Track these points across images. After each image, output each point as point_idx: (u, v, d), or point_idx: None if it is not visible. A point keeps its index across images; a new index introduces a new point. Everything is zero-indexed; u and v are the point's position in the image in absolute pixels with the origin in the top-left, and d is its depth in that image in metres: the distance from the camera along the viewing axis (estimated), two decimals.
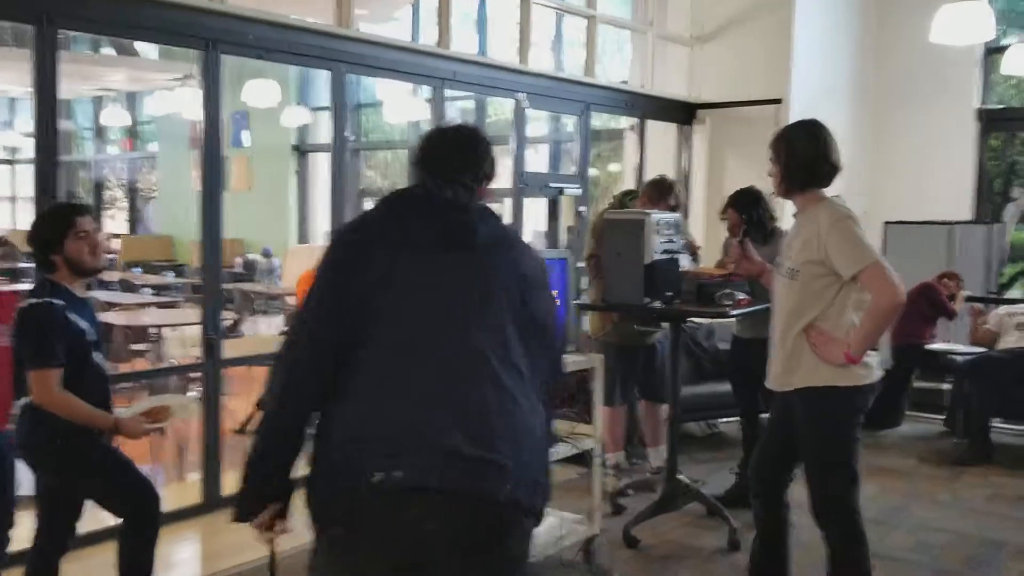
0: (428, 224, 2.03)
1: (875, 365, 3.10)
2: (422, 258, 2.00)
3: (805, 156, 3.09)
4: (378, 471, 1.82)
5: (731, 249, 3.47)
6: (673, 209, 4.45)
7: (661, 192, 4.56)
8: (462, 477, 1.84)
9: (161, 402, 3.42)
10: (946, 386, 6.53)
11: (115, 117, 13.42)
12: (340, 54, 5.03)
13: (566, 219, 7.12)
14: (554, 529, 3.71)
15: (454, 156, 2.16)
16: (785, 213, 4.39)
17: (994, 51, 7.88)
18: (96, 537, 3.79)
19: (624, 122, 7.72)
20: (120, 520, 3.18)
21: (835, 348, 2.99)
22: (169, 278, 11.70)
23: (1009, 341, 6.07)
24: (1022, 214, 10.16)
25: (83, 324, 3.05)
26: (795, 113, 7.11)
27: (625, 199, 4.84)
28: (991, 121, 8.13)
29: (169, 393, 5.41)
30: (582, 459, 3.77)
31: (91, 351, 3.09)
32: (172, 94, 10.35)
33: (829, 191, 3.22)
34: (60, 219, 3.07)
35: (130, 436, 3.15)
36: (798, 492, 3.30)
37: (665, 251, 3.84)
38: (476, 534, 1.88)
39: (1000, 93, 8.84)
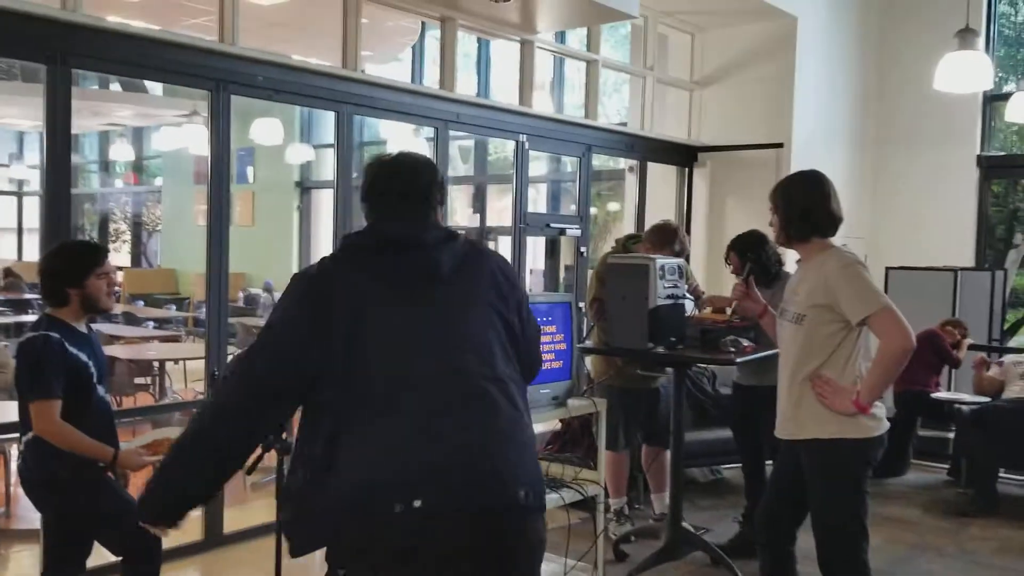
0: (390, 269, 2.03)
1: (883, 416, 3.08)
2: (391, 298, 2.01)
3: (803, 206, 3.11)
4: (398, 503, 1.85)
5: (734, 288, 3.47)
6: (677, 255, 4.45)
7: (665, 238, 4.55)
8: (480, 494, 1.91)
9: (163, 435, 3.43)
10: (951, 435, 6.47)
11: (122, 152, 13.51)
12: (346, 95, 5.08)
13: (565, 258, 7.14)
14: (557, 575, 3.66)
15: (400, 191, 2.14)
16: (789, 258, 4.40)
17: (995, 98, 7.95)
18: (98, 573, 3.74)
19: (624, 162, 7.76)
20: (120, 559, 3.17)
21: (843, 397, 2.97)
22: (172, 311, 11.70)
23: (1014, 391, 6.03)
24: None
25: (84, 358, 3.06)
26: (796, 157, 7.16)
27: (628, 243, 4.83)
28: (992, 168, 8.17)
29: (171, 427, 5.40)
30: (585, 504, 3.72)
31: (94, 385, 3.10)
32: (178, 130, 10.43)
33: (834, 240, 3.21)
34: (87, 256, 3.14)
35: (129, 468, 3.19)
36: (804, 541, 3.26)
37: (669, 296, 3.83)
38: (503, 541, 1.96)
39: (1002, 140, 8.90)
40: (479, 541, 1.93)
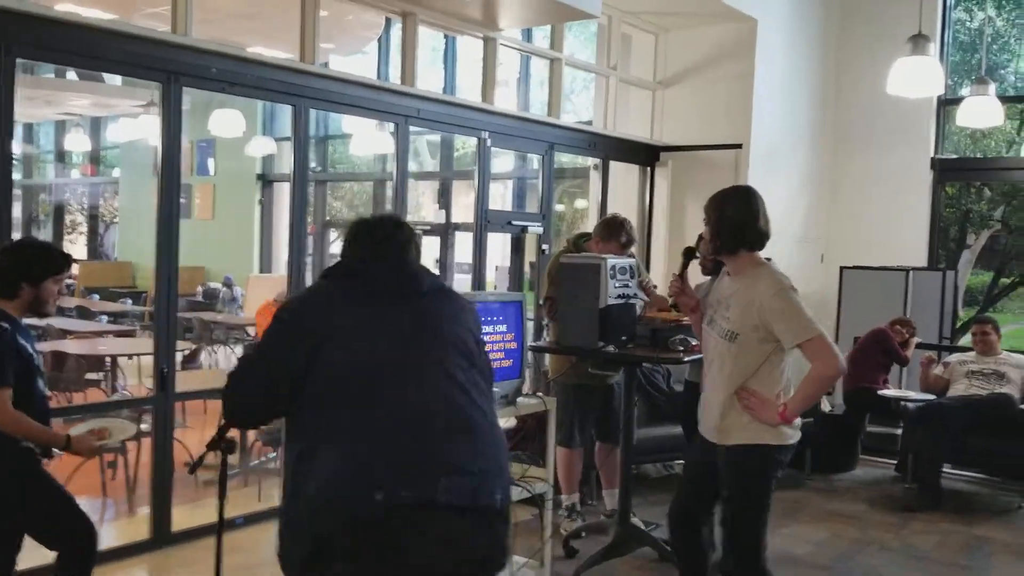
0: (373, 280, 2.21)
1: (799, 426, 3.22)
2: (376, 306, 2.16)
3: (734, 220, 3.20)
4: (379, 490, 1.92)
5: (670, 284, 3.54)
6: (625, 246, 4.51)
7: (611, 231, 4.60)
8: (464, 491, 2.00)
9: (101, 424, 3.47)
10: (898, 431, 6.60)
11: (77, 142, 13.31)
12: (303, 89, 5.04)
13: (530, 255, 7.16)
14: (504, 572, 3.68)
15: (378, 239, 2.30)
16: None
17: (949, 102, 8.09)
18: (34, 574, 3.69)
19: (591, 159, 7.80)
20: (55, 554, 3.16)
21: (770, 410, 3.11)
22: (127, 305, 11.54)
23: (959, 389, 6.16)
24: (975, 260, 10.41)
25: (30, 349, 3.11)
26: (755, 158, 7.25)
27: (579, 241, 4.86)
28: (946, 171, 8.32)
29: (111, 416, 5.36)
30: (535, 500, 3.75)
31: (36, 375, 3.13)
32: (135, 121, 10.29)
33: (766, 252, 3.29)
34: (56, 260, 3.19)
35: (82, 453, 3.27)
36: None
37: (620, 296, 3.87)
38: (480, 544, 2.06)
39: (955, 143, 9.07)
40: (460, 541, 2.02)
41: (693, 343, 3.92)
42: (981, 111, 6.67)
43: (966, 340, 9.02)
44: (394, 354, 2.10)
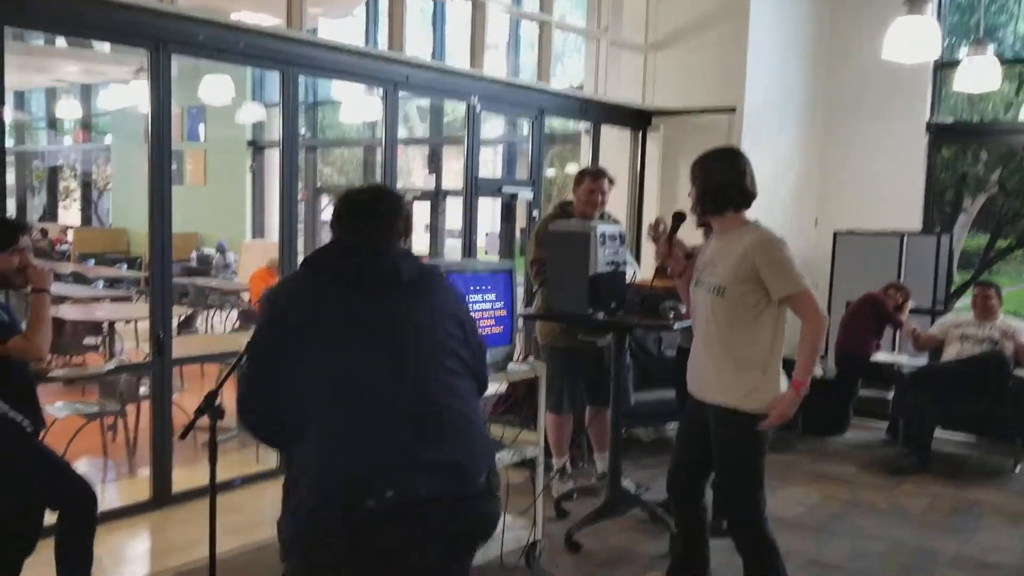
0: (352, 272, 2.19)
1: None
2: (355, 301, 2.16)
3: (720, 181, 3.22)
4: (370, 497, 1.98)
5: (659, 244, 3.56)
6: (596, 176, 4.73)
7: (580, 175, 4.79)
8: (444, 483, 2.06)
9: None
10: (890, 395, 6.64)
11: (69, 109, 13.22)
12: (291, 56, 5.00)
13: (521, 221, 7.15)
14: (496, 533, 3.73)
15: (367, 220, 2.29)
16: None
17: (946, 65, 8.03)
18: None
19: (582, 124, 7.76)
20: (56, 515, 3.22)
21: (785, 402, 3.14)
22: (123, 271, 11.55)
23: (951, 352, 6.19)
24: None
25: (2, 318, 3.12)
26: (748, 122, 7.21)
27: (566, 207, 4.88)
28: (942, 135, 8.28)
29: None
30: (526, 464, 3.79)
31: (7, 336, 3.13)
32: (126, 87, 10.22)
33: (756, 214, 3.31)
34: (5, 233, 3.16)
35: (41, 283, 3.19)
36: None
37: (610, 263, 3.88)
38: (466, 526, 2.15)
39: (952, 107, 9.02)
40: (446, 525, 2.09)
41: (683, 310, 3.93)
42: (979, 74, 6.62)
43: (962, 304, 9.07)
44: (372, 352, 2.12)
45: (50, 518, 3.29)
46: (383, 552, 2.02)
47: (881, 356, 6.57)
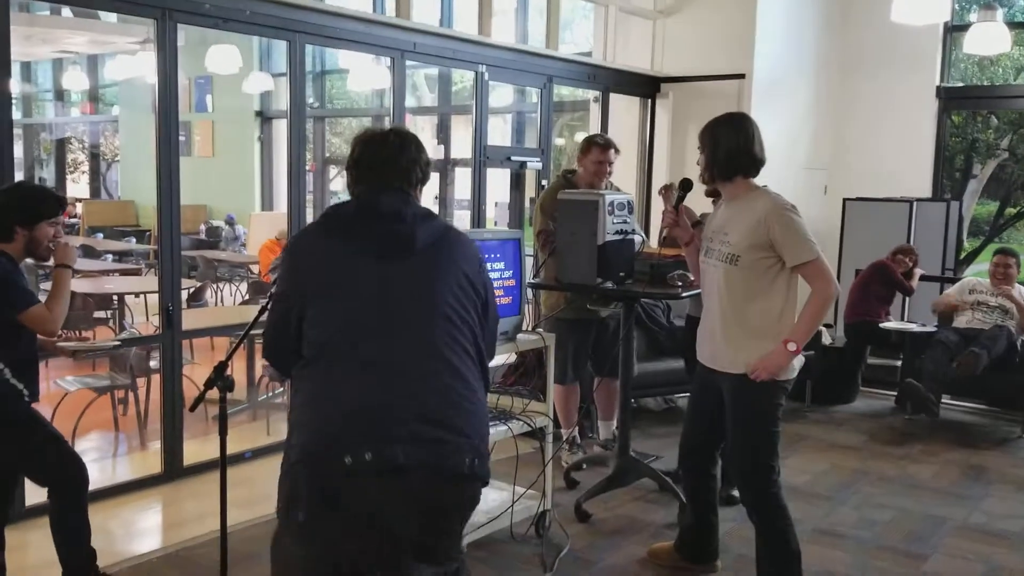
0: (366, 236, 2.15)
1: (796, 366, 3.22)
2: (364, 266, 2.12)
3: (728, 147, 3.20)
4: (348, 455, 1.96)
5: (664, 215, 3.55)
6: (605, 147, 4.69)
7: (586, 143, 4.77)
8: (427, 455, 2.02)
9: None
10: (899, 363, 6.63)
11: (75, 80, 13.18)
12: (297, 24, 4.96)
13: (530, 191, 7.13)
14: (506, 503, 3.76)
15: (386, 164, 2.24)
16: None
17: (956, 28, 7.94)
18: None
19: (591, 92, 7.70)
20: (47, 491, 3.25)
21: (777, 357, 3.11)
22: (132, 244, 11.57)
23: (962, 320, 6.16)
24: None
25: (26, 286, 3.14)
26: (758, 88, 7.15)
27: (569, 175, 4.85)
28: (952, 99, 8.20)
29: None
30: (535, 434, 3.81)
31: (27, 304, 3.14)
32: (133, 58, 10.18)
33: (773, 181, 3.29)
34: (50, 204, 3.18)
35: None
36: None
37: (618, 232, 3.86)
38: (442, 502, 2.09)
39: (962, 71, 8.92)
40: (419, 499, 2.04)
41: (692, 278, 3.92)
42: (989, 37, 6.55)
43: (972, 271, 9.02)
44: (375, 317, 2.10)
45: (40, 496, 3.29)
46: (357, 515, 2.01)
47: (890, 324, 6.54)
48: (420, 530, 2.09)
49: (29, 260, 3.28)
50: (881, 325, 6.47)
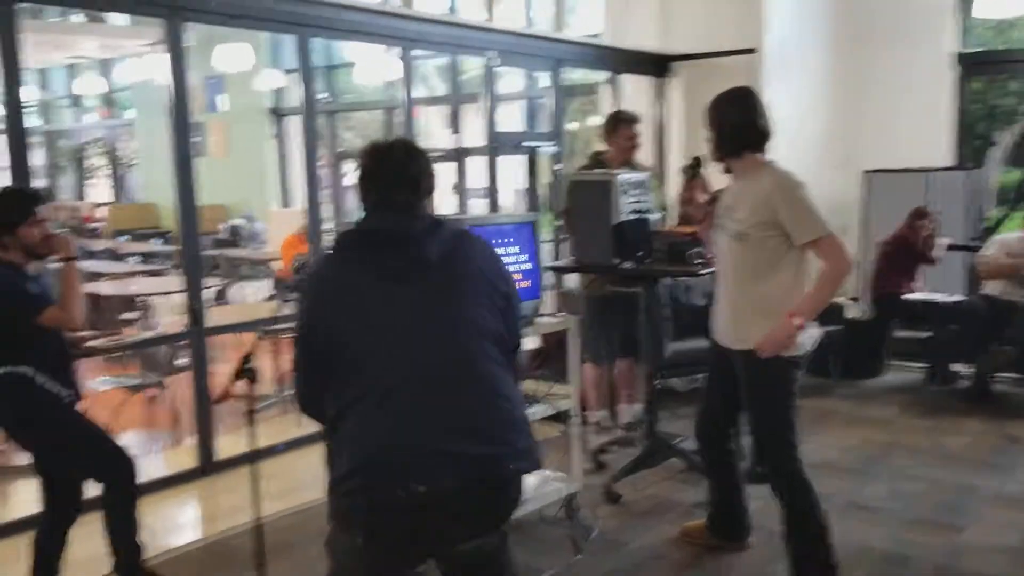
0: (379, 262, 2.15)
1: (807, 343, 3.20)
2: (384, 291, 2.12)
3: (735, 122, 3.20)
4: (401, 489, 1.99)
5: (681, 192, 3.54)
6: (631, 122, 4.73)
7: (612, 123, 4.80)
8: (475, 471, 2.05)
9: None
10: (925, 335, 6.54)
11: (89, 85, 13.24)
12: (304, 18, 4.97)
13: (545, 176, 7.10)
14: (536, 486, 3.75)
15: (389, 178, 2.23)
16: None
17: None
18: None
19: (601, 75, 7.65)
20: (100, 486, 3.28)
21: (784, 330, 3.08)
22: (156, 245, 11.67)
23: (996, 288, 6.02)
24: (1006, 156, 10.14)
25: (35, 290, 3.13)
26: (769, 63, 7.06)
27: (597, 156, 4.83)
28: (971, 65, 8.06)
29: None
30: (559, 416, 3.80)
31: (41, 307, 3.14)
32: (143, 60, 10.22)
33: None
34: (21, 206, 3.13)
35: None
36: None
37: (633, 211, 3.84)
38: (490, 506, 2.14)
39: (978, 36, 8.77)
40: (466, 508, 2.07)
41: (710, 256, 3.89)
42: None
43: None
44: (401, 341, 2.09)
45: (94, 490, 3.35)
46: (405, 534, 2.06)
47: (916, 295, 6.46)
48: (470, 531, 2.14)
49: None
50: (904, 297, 6.38)
